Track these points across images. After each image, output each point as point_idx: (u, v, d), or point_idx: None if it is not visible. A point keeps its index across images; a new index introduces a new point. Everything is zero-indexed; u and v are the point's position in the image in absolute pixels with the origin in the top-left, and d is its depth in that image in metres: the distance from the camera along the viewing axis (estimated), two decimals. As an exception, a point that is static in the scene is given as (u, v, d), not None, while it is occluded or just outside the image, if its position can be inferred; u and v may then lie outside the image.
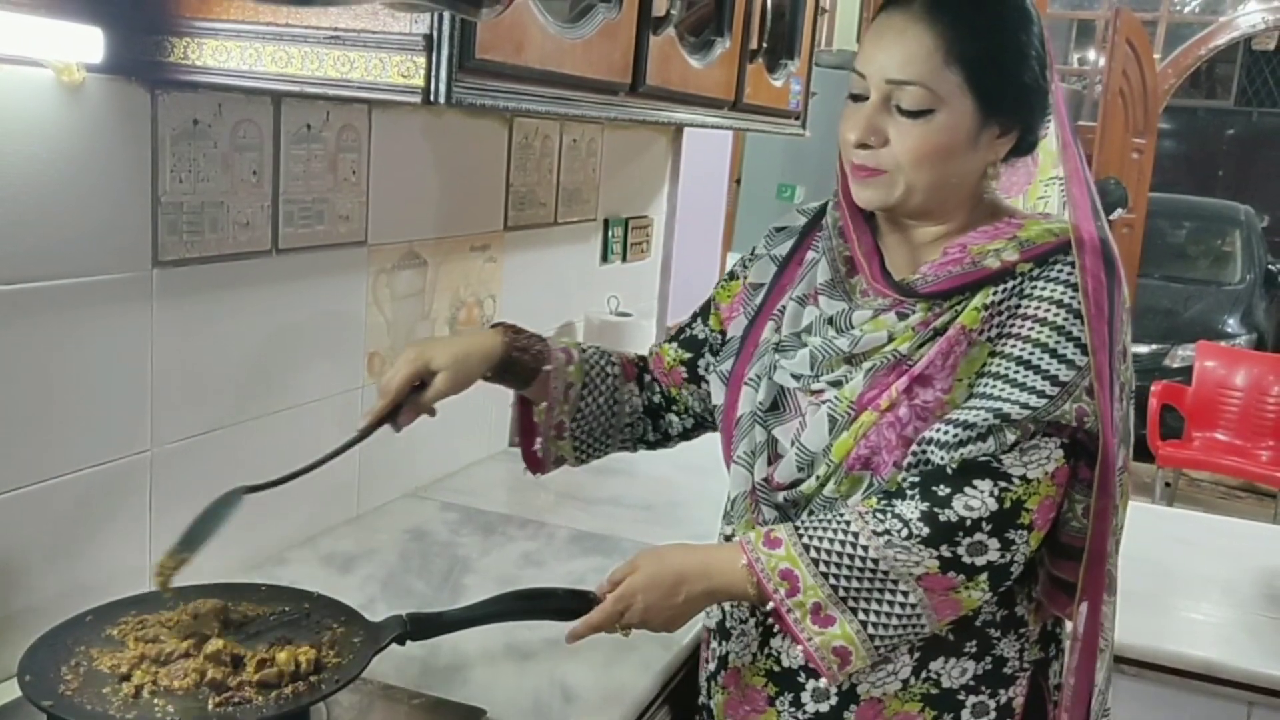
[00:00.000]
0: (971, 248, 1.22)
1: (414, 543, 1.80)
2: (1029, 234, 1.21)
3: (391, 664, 1.31)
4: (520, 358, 1.37)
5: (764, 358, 1.30)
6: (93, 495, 1.37)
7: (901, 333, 1.20)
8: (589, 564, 1.75)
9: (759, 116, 2.16)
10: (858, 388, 1.21)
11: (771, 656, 1.29)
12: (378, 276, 1.83)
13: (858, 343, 1.22)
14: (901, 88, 1.17)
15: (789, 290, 1.32)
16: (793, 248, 1.36)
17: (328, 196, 1.66)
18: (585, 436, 1.44)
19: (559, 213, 2.35)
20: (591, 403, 1.43)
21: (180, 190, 1.41)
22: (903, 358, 1.19)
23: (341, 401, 1.80)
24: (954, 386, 1.18)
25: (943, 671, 1.23)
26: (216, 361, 1.52)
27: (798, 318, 1.29)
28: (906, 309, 1.21)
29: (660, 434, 1.50)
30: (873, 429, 1.18)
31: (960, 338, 1.18)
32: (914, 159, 1.18)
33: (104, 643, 1.17)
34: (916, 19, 1.17)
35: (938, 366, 1.18)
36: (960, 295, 1.20)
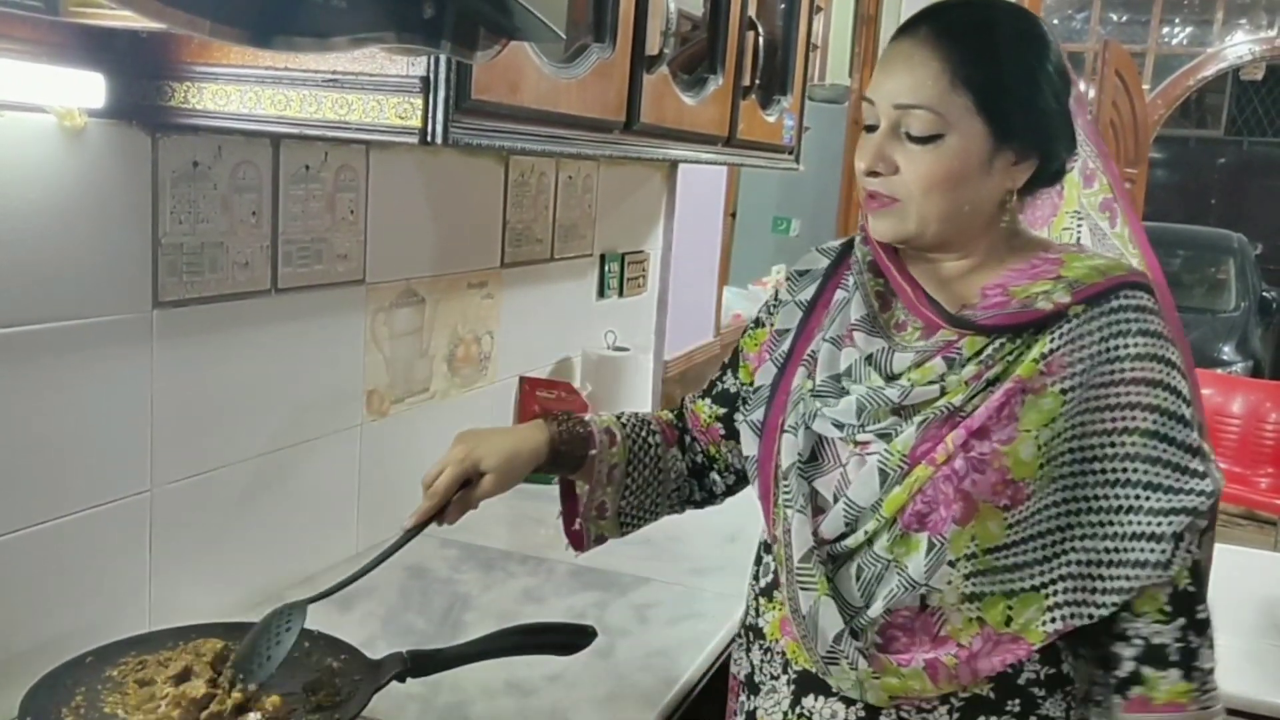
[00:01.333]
0: (1012, 289, 1.17)
1: (413, 580, 1.80)
2: (1075, 273, 1.16)
3: (392, 701, 1.31)
4: (567, 450, 1.35)
5: (799, 405, 1.23)
6: (93, 536, 1.37)
7: (954, 385, 1.15)
8: (589, 599, 1.75)
9: (753, 152, 2.18)
10: (910, 440, 1.15)
11: (804, 715, 1.23)
12: (376, 315, 1.84)
13: (908, 394, 1.16)
14: (909, 112, 1.15)
15: (817, 333, 1.27)
16: (818, 290, 1.31)
17: (326, 236, 1.68)
18: (632, 511, 1.41)
19: (556, 249, 2.37)
20: (637, 477, 1.40)
21: (180, 231, 1.42)
22: (955, 410, 1.14)
23: (341, 439, 1.80)
24: (1018, 437, 1.12)
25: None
26: (216, 401, 1.53)
27: (834, 360, 1.23)
28: (953, 354, 1.15)
29: (706, 493, 1.47)
30: (929, 483, 1.13)
31: (1017, 390, 1.13)
32: (924, 185, 1.16)
33: (104, 684, 1.17)
34: (923, 44, 1.16)
35: (994, 419, 1.13)
36: (1011, 339, 1.14)
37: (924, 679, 1.15)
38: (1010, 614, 1.15)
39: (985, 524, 1.13)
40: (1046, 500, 1.14)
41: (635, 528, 1.44)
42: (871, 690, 1.17)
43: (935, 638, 1.16)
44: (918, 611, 1.16)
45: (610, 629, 1.62)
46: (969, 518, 1.12)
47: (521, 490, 2.29)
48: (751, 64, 2.04)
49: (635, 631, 1.64)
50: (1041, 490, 1.13)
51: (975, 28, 1.17)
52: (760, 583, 1.31)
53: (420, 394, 1.99)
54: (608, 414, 1.43)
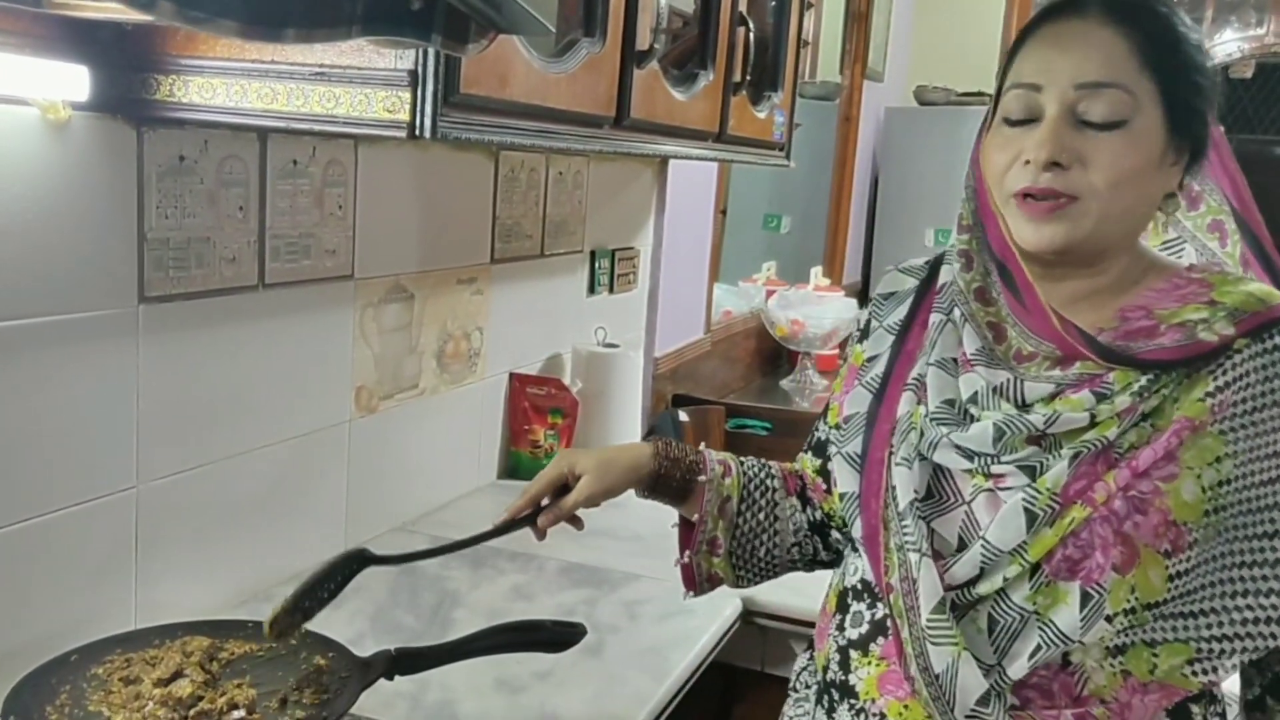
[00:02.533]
0: (1158, 311, 1.06)
1: (402, 577, 1.79)
2: (1232, 300, 1.05)
3: (380, 699, 1.31)
4: (671, 469, 1.28)
5: (909, 434, 1.11)
6: (78, 533, 1.36)
7: (1105, 416, 1.03)
8: (579, 596, 1.74)
9: (743, 148, 2.17)
10: (1061, 477, 1.03)
11: None
12: (364, 310, 1.83)
13: (1054, 421, 1.04)
14: (1097, 92, 1.03)
15: (920, 357, 1.15)
16: (911, 310, 1.21)
17: (314, 231, 1.67)
18: (747, 555, 1.30)
19: (546, 245, 2.36)
20: (751, 519, 1.30)
21: (166, 226, 1.41)
22: (1110, 445, 1.03)
23: (329, 436, 1.79)
24: (1180, 475, 1.02)
25: None
26: (203, 397, 1.52)
27: (948, 385, 1.10)
28: (1103, 388, 1.04)
29: (832, 553, 1.33)
30: (1084, 526, 1.02)
31: (1187, 429, 1.02)
32: (1112, 178, 1.03)
33: (90, 682, 1.16)
34: (1102, 24, 1.05)
35: (1159, 460, 1.02)
36: (1166, 371, 1.03)
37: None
38: (1155, 662, 1.05)
39: (1146, 573, 1.02)
40: (1213, 551, 1.03)
41: (752, 579, 1.33)
42: None
43: (1076, 698, 1.06)
44: (1057, 670, 1.05)
45: (600, 626, 1.61)
46: (1130, 565, 1.01)
47: (512, 488, 2.30)
48: (742, 60, 2.03)
49: (625, 628, 1.64)
50: (1206, 540, 1.03)
51: (1155, 12, 1.07)
52: (850, 633, 1.16)
53: (409, 390, 1.98)
54: (728, 454, 1.35)
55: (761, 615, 1.78)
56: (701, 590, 1.32)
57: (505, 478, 2.34)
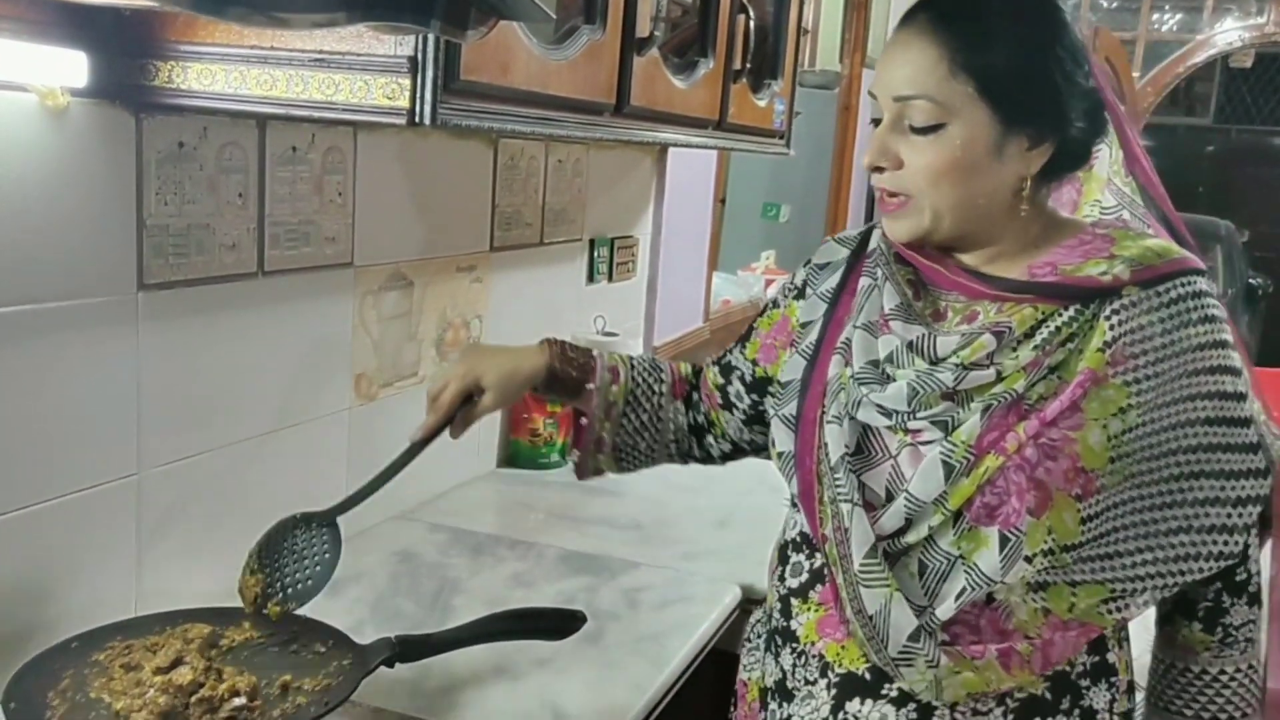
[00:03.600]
0: (1063, 266, 1.14)
1: (402, 564, 1.79)
2: (1131, 252, 1.13)
3: (380, 686, 1.31)
4: (564, 373, 1.38)
5: (841, 394, 1.19)
6: (79, 519, 1.36)
7: (1010, 370, 1.11)
8: (579, 583, 1.75)
9: (743, 136, 2.17)
10: (974, 430, 1.10)
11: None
12: (364, 298, 1.83)
13: (962, 378, 1.12)
14: (909, 104, 1.12)
15: (847, 321, 1.23)
16: (843, 278, 1.29)
17: (314, 218, 1.67)
18: (629, 450, 1.44)
19: (545, 233, 2.36)
20: (634, 419, 1.42)
21: (166, 213, 1.40)
22: (1019, 397, 1.11)
23: (330, 423, 1.79)
24: (1085, 425, 1.10)
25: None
26: (203, 384, 1.52)
27: (870, 347, 1.18)
28: (1002, 327, 1.12)
29: (704, 453, 1.48)
30: (999, 474, 1.09)
31: (1089, 380, 1.10)
32: (930, 177, 1.12)
33: (91, 668, 1.16)
34: (920, 33, 1.13)
35: (1066, 409, 1.10)
36: (1060, 314, 1.12)
37: (998, 669, 1.12)
38: (1074, 601, 1.14)
39: (1060, 515, 1.10)
40: (1122, 496, 1.12)
41: (635, 468, 1.47)
42: (950, 688, 1.13)
43: (1002, 631, 1.13)
44: (983, 607, 1.13)
45: (600, 613, 1.61)
46: (1044, 508, 1.09)
47: (511, 475, 2.30)
48: (742, 48, 2.02)
49: (625, 616, 1.64)
50: (1115, 485, 1.11)
51: (973, 12, 1.13)
52: (790, 583, 1.26)
53: (409, 378, 1.98)
54: (622, 354, 1.45)
55: (761, 603, 1.78)
56: (585, 477, 1.46)
57: (504, 466, 2.34)
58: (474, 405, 1.33)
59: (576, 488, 2.12)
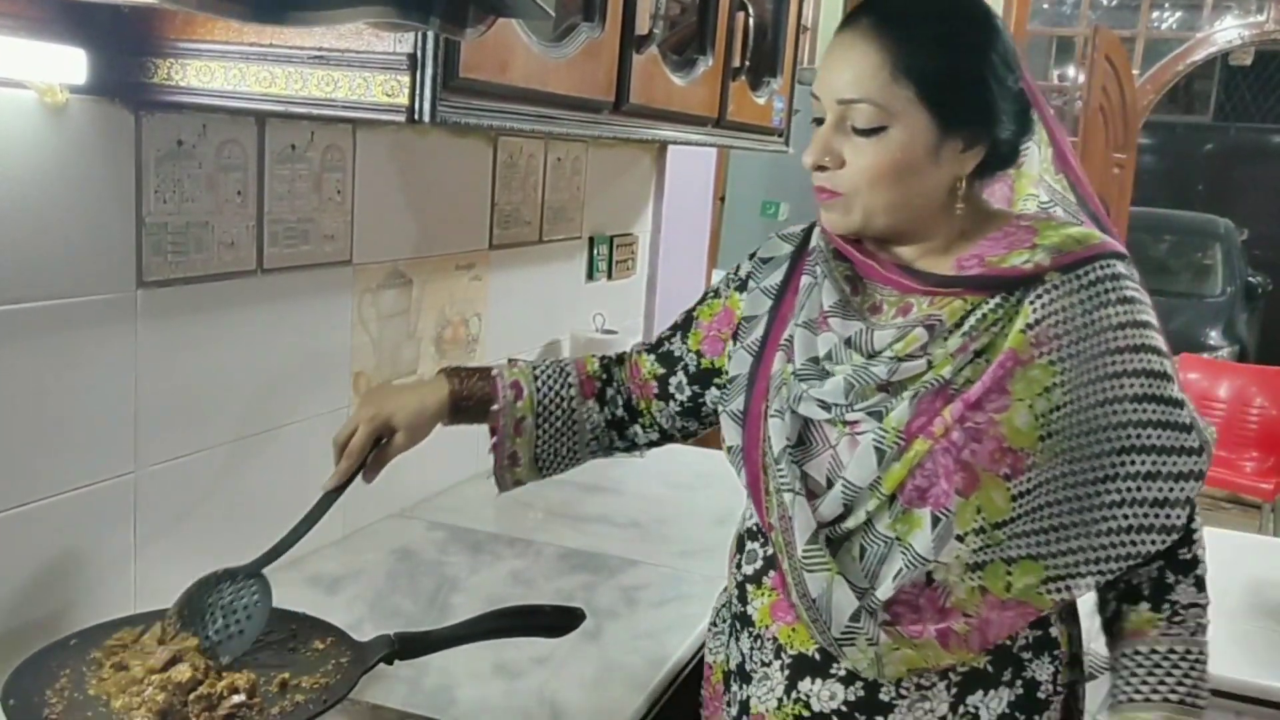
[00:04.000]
0: (989, 258, 1.18)
1: (401, 563, 1.79)
2: (1051, 241, 1.18)
3: (380, 684, 1.31)
4: (467, 402, 1.40)
5: (782, 390, 1.23)
6: (77, 517, 1.36)
7: (940, 358, 1.16)
8: (577, 581, 1.75)
9: (742, 134, 2.17)
10: (904, 416, 1.15)
11: (800, 701, 1.23)
12: (363, 296, 1.83)
13: (895, 370, 1.16)
14: (852, 106, 1.15)
15: (791, 319, 1.27)
16: (786, 275, 1.32)
17: (313, 216, 1.66)
18: (550, 457, 1.44)
19: (544, 231, 2.36)
20: (549, 429, 1.43)
21: (165, 211, 1.40)
22: (946, 382, 1.15)
23: (328, 421, 1.79)
24: (1011, 406, 1.14)
25: (980, 704, 1.20)
26: (202, 382, 1.52)
27: (810, 344, 1.23)
28: (934, 322, 1.16)
29: (627, 443, 1.49)
30: (927, 457, 1.14)
31: (1010, 361, 1.14)
32: (869, 178, 1.16)
33: (89, 665, 1.16)
34: (863, 36, 1.16)
35: (991, 391, 1.14)
36: (987, 302, 1.16)
37: (936, 648, 1.16)
38: (1010, 580, 1.16)
39: (989, 494, 1.14)
40: (1054, 471, 1.15)
41: (561, 471, 1.47)
42: (890, 665, 1.17)
43: (941, 610, 1.17)
44: (923, 587, 1.16)
45: (598, 611, 1.61)
46: (971, 488, 1.13)
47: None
48: (741, 45, 2.02)
49: (623, 614, 1.64)
50: (1046, 462, 1.15)
51: (915, 17, 1.17)
52: (745, 570, 1.30)
53: (408, 375, 1.98)
54: (525, 363, 1.46)
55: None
56: (506, 489, 1.46)
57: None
58: (386, 447, 1.35)
59: (575, 486, 2.12)
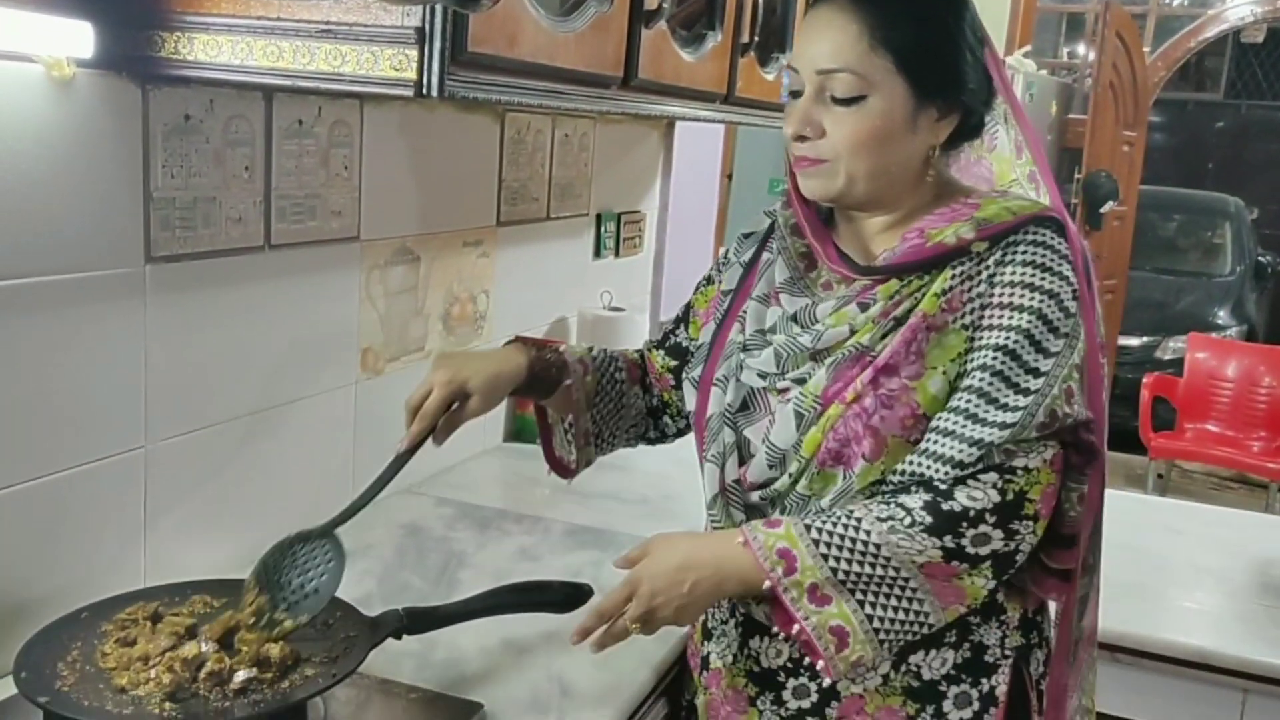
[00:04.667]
0: (929, 231, 1.21)
1: (409, 538, 1.80)
2: (986, 213, 1.20)
3: (387, 658, 1.31)
4: (543, 373, 1.40)
5: (730, 359, 1.29)
6: (88, 492, 1.36)
7: (862, 325, 1.19)
8: (585, 558, 1.75)
9: (751, 110, 2.15)
10: (821, 382, 1.20)
11: (751, 657, 1.29)
12: (370, 272, 1.82)
13: (821, 338, 1.21)
14: (832, 76, 1.18)
15: (751, 292, 1.33)
16: (758, 249, 1.37)
17: (320, 192, 1.66)
18: (597, 438, 1.47)
19: (551, 208, 2.35)
20: (604, 408, 1.46)
21: (172, 185, 1.40)
22: (865, 349, 1.19)
23: (336, 397, 1.79)
24: (925, 373, 1.17)
25: (923, 664, 1.23)
26: (211, 357, 1.52)
27: (760, 317, 1.29)
28: (868, 299, 1.20)
29: (659, 433, 1.54)
30: (840, 421, 1.18)
31: (921, 325, 1.17)
32: (851, 146, 1.19)
33: (100, 638, 1.17)
34: (841, 9, 1.19)
35: (901, 356, 1.17)
36: (919, 278, 1.19)
37: None
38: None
39: (895, 458, 1.17)
40: None
41: (600, 455, 1.50)
42: None
43: None
44: None
45: (606, 587, 1.60)
46: (878, 453, 1.17)
47: (517, 450, 2.31)
48: (750, 21, 2.01)
49: (631, 590, 1.64)
50: None
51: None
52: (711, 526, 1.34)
53: (415, 352, 1.98)
54: (579, 346, 1.49)
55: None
56: (574, 474, 1.48)
57: (511, 440, 2.35)
58: (458, 411, 1.34)
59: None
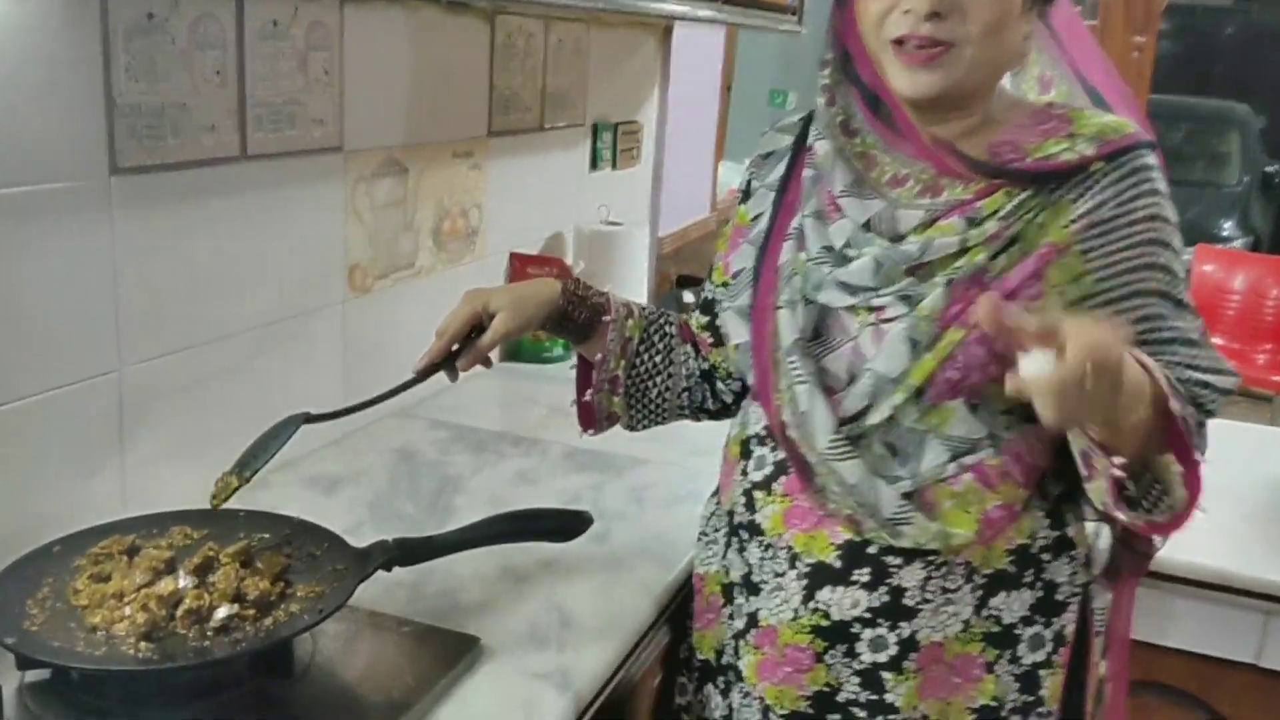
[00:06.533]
0: (1025, 145, 1.12)
1: (402, 463, 1.73)
2: (1091, 129, 1.12)
3: (381, 589, 1.25)
4: (579, 306, 1.31)
5: (793, 280, 1.16)
6: (58, 419, 1.29)
7: (975, 241, 1.09)
8: (584, 481, 1.69)
9: (753, 10, 2.05)
10: (939, 302, 1.09)
11: (819, 610, 1.17)
12: (356, 185, 1.73)
13: (928, 248, 1.10)
14: None
15: (798, 210, 1.19)
16: (789, 166, 1.24)
17: (299, 99, 1.56)
18: (640, 396, 1.36)
19: (545, 117, 2.25)
20: (648, 360, 1.35)
21: (137, 91, 1.30)
22: (982, 269, 1.09)
23: (322, 317, 1.71)
24: (1047, 294, 1.09)
25: (1003, 606, 1.16)
26: (187, 275, 1.44)
27: (823, 234, 1.16)
28: (973, 212, 1.10)
29: (719, 402, 1.39)
30: (960, 348, 1.08)
31: (1051, 254, 1.09)
32: (987, 25, 1.07)
33: (73, 574, 1.10)
34: None
35: (1024, 282, 1.09)
36: (1032, 195, 1.10)
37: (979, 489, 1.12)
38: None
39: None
40: None
41: (646, 419, 1.38)
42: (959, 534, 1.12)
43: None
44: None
45: (606, 512, 1.56)
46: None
47: (514, 370, 2.24)
48: (754, -88, 1.89)
49: (632, 515, 1.58)
50: None
51: None
52: (753, 476, 1.24)
53: (405, 269, 1.90)
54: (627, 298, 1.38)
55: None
56: (600, 428, 1.38)
57: (507, 360, 2.28)
58: (484, 334, 1.25)
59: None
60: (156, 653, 0.99)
